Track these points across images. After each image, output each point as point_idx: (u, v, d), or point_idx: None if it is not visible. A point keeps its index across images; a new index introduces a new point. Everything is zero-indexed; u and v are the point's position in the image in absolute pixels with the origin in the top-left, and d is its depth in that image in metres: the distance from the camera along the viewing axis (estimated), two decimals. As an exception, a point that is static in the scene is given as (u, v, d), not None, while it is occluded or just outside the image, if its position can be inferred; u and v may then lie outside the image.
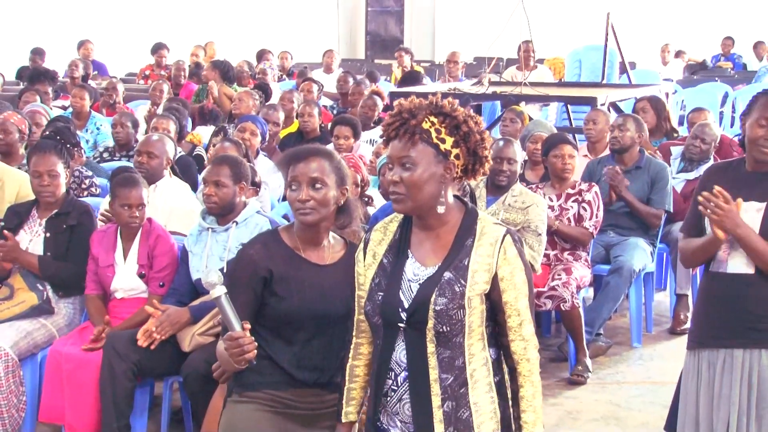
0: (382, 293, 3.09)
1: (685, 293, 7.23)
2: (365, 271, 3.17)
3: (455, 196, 3.15)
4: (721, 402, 3.84)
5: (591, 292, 6.98)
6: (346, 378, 3.26)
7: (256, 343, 3.21)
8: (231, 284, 3.34)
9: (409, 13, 22.77)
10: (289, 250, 3.47)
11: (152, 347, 4.93)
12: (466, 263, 3.03)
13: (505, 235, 3.05)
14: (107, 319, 5.22)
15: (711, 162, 7.44)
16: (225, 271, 4.95)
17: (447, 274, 3.02)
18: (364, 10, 23.11)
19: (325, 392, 3.52)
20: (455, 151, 3.04)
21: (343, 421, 3.25)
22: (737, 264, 3.83)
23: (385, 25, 23.24)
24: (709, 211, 3.74)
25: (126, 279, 5.33)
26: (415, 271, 3.08)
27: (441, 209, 3.06)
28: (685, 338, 6.79)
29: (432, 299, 3.00)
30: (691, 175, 7.44)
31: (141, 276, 5.31)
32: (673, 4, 19.02)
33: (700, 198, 3.78)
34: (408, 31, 22.59)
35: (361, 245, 3.21)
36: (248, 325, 3.21)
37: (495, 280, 3.03)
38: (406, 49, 15.45)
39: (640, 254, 6.78)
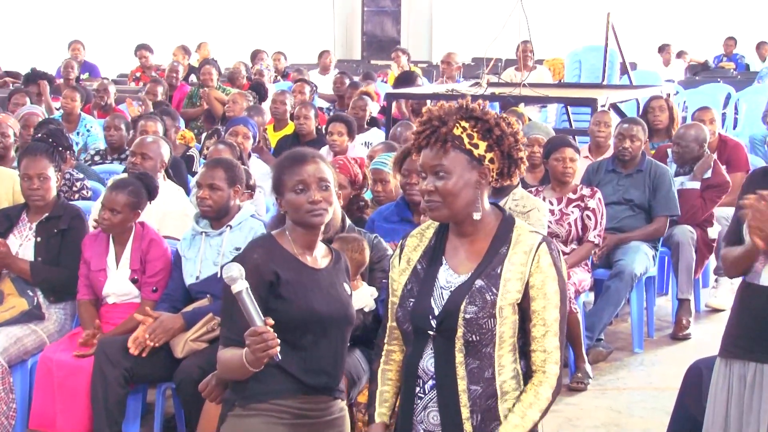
0: (413, 299, 3.08)
1: (686, 298, 7.17)
2: (399, 276, 3.16)
3: (492, 203, 3.12)
4: (750, 416, 3.75)
5: (591, 296, 6.91)
6: (378, 381, 3.22)
7: (278, 339, 3.13)
8: None
9: (406, 14, 22.73)
10: (288, 254, 3.40)
11: (143, 354, 4.87)
12: (498, 271, 3.01)
13: (540, 243, 3.02)
14: (97, 323, 5.17)
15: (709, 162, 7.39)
16: (219, 276, 4.92)
17: (478, 282, 3.01)
18: (361, 10, 23.07)
19: (331, 399, 3.45)
20: (489, 155, 3.02)
21: (377, 421, 3.19)
22: None
23: (381, 25, 23.21)
24: (750, 215, 3.53)
25: (118, 284, 5.28)
26: (448, 278, 3.07)
27: (477, 216, 3.04)
28: (686, 343, 6.94)
29: (462, 307, 2.99)
30: (696, 184, 7.31)
31: (134, 281, 5.27)
32: (675, 3, 18.99)
33: (742, 202, 3.61)
34: (405, 32, 22.56)
35: (397, 251, 3.21)
36: (271, 321, 3.13)
37: (526, 289, 3.00)
38: (403, 50, 15.37)
39: (641, 258, 6.72)
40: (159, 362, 4.93)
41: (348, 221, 4.86)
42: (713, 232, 7.41)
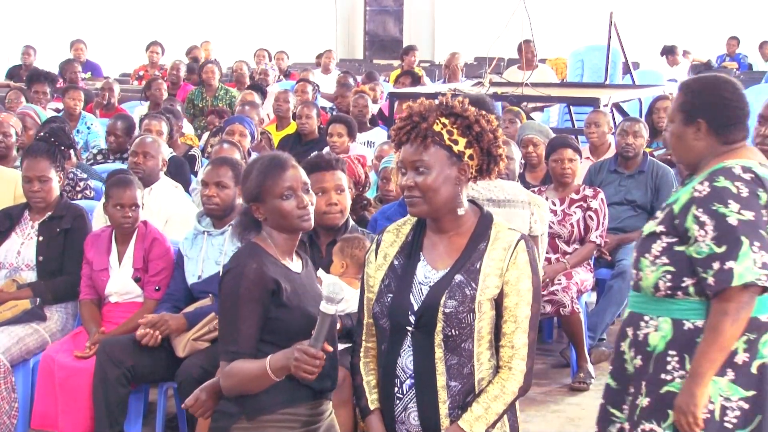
0: (391, 295, 3.08)
1: (688, 298, 7.11)
2: (375, 272, 3.16)
3: (470, 201, 3.13)
4: None
5: (594, 296, 6.88)
6: (362, 373, 3.22)
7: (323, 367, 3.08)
8: (238, 300, 3.18)
9: (408, 13, 22.69)
10: (276, 259, 3.32)
11: (156, 343, 4.84)
12: (478, 267, 3.02)
13: (518, 241, 3.04)
14: (102, 330, 5.14)
15: None
16: (222, 276, 4.89)
17: (458, 277, 3.02)
18: (363, 9, 23.02)
19: (328, 401, 3.42)
20: (469, 151, 3.04)
21: (372, 408, 3.17)
22: None
23: (383, 25, 23.17)
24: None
25: (121, 283, 5.26)
26: (426, 274, 3.07)
27: (461, 211, 3.06)
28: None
29: (441, 301, 3.00)
30: None
31: (136, 280, 5.24)
32: (678, 3, 18.94)
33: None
34: (407, 31, 22.51)
35: (373, 246, 3.20)
36: (330, 348, 3.07)
37: (502, 284, 3.02)
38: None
39: (643, 258, 6.67)
40: (161, 362, 4.91)
41: (351, 222, 4.85)
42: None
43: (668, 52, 16.24)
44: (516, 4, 8.94)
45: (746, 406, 3.25)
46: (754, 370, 3.25)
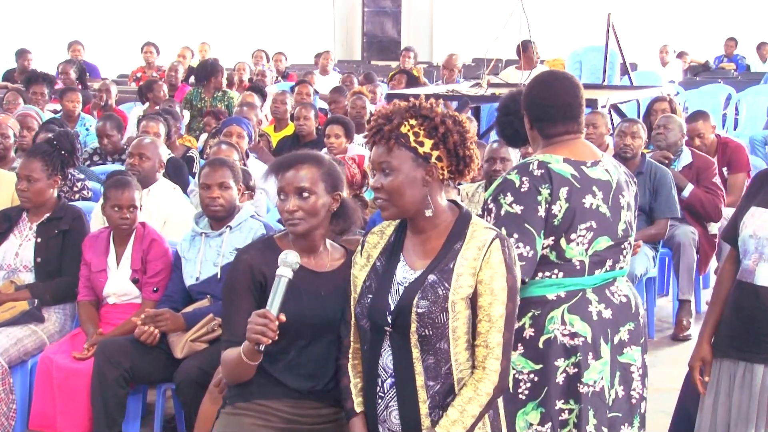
0: (371, 295, 3.10)
1: (687, 299, 7.13)
2: (359, 273, 3.17)
3: (450, 201, 3.13)
4: (739, 417, 3.74)
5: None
6: (350, 375, 3.23)
7: (276, 338, 3.12)
8: (231, 291, 3.31)
9: (407, 14, 22.70)
10: None
11: (152, 342, 4.85)
12: (451, 266, 3.02)
13: (493, 239, 3.02)
14: (100, 331, 5.14)
15: (686, 152, 7.39)
16: (219, 277, 4.91)
17: (431, 277, 3.02)
18: (361, 10, 23.03)
19: (321, 405, 3.43)
20: (435, 153, 3.03)
21: (357, 411, 3.19)
22: (766, 276, 3.71)
23: (381, 26, 23.18)
24: None
25: (119, 284, 5.26)
26: (404, 275, 3.09)
27: (429, 213, 3.05)
28: (687, 345, 6.87)
29: (414, 302, 3.00)
30: (690, 187, 7.30)
31: (134, 281, 5.24)
32: (676, 4, 18.97)
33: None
34: (405, 32, 22.53)
35: (359, 248, 3.21)
36: (283, 318, 3.12)
37: (476, 283, 3.02)
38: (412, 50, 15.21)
39: (641, 259, 6.69)
40: (159, 363, 4.91)
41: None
42: (714, 229, 7.38)
43: (659, 50, 16.27)
44: (514, 5, 8.94)
45: (536, 378, 3.47)
46: (540, 344, 3.46)
